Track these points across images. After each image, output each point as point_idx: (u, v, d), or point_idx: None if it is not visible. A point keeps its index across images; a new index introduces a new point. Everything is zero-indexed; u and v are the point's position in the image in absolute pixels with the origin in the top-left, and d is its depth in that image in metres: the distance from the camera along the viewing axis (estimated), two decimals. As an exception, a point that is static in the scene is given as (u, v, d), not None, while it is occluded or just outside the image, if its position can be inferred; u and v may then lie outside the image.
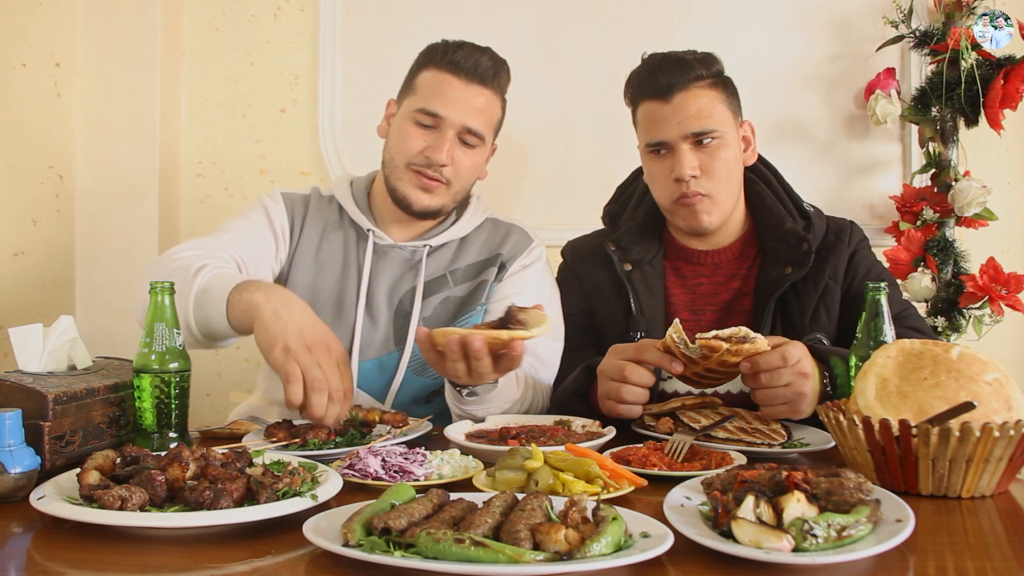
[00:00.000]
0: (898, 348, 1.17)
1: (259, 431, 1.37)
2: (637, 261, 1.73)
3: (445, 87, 1.63)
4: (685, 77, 1.60)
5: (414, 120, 1.64)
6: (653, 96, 1.63)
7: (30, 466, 1.01)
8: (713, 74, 1.63)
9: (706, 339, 1.28)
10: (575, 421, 1.41)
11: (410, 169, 1.64)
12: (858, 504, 0.85)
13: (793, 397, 1.32)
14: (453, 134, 1.63)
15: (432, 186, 1.64)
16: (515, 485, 1.01)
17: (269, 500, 0.91)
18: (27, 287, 2.32)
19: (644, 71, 1.67)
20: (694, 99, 1.60)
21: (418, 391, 1.67)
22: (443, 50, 1.66)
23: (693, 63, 1.62)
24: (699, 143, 1.60)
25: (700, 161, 1.60)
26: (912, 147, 2.38)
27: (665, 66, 1.62)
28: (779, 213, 1.70)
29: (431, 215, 1.70)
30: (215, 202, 2.62)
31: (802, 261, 1.63)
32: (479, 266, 1.73)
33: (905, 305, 1.72)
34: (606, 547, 0.76)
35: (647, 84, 1.64)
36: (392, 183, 1.67)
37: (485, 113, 1.66)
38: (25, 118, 2.29)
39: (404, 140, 1.65)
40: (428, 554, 0.75)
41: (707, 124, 1.59)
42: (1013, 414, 1.06)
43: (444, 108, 1.62)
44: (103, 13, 2.49)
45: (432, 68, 1.66)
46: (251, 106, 2.61)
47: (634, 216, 1.78)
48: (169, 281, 1.24)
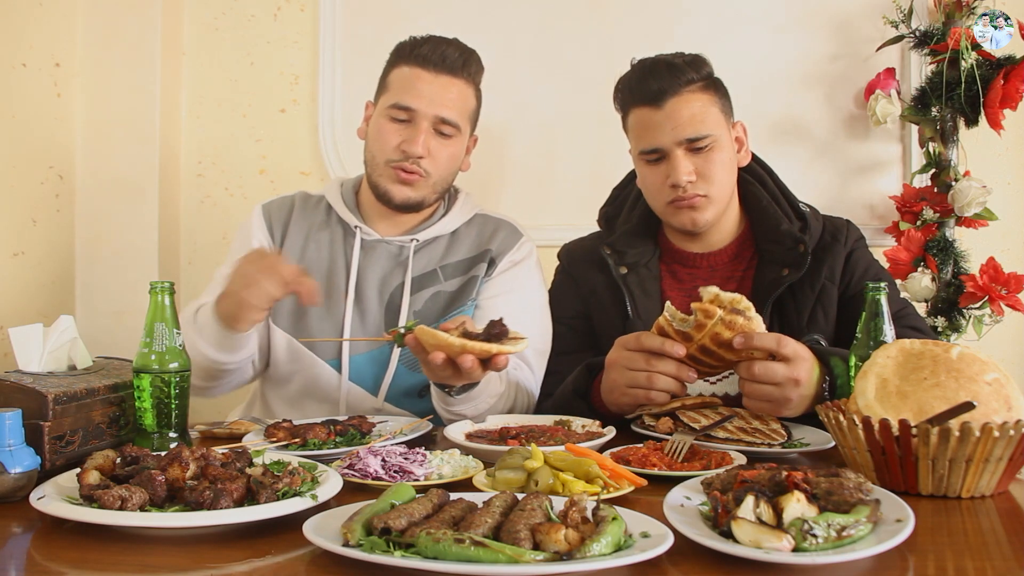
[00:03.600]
0: (898, 348, 1.17)
1: (259, 431, 1.37)
2: (633, 264, 1.72)
3: (415, 80, 1.65)
4: (676, 82, 1.59)
5: (389, 116, 1.66)
6: (645, 102, 1.62)
7: (30, 466, 1.01)
8: (704, 77, 1.62)
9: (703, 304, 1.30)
10: (575, 421, 1.41)
11: (389, 165, 1.67)
12: (858, 504, 0.85)
13: (779, 399, 1.32)
14: (427, 125, 1.65)
15: (411, 179, 1.66)
16: (515, 485, 1.01)
17: (269, 500, 0.91)
18: (27, 287, 2.32)
19: (634, 77, 1.66)
20: (687, 104, 1.59)
21: (411, 386, 1.68)
22: (411, 46, 1.69)
23: (684, 67, 1.60)
24: (693, 148, 1.59)
25: (695, 165, 1.60)
26: (912, 147, 2.38)
27: (656, 72, 1.61)
28: (775, 215, 1.69)
29: (413, 208, 1.72)
30: (215, 202, 2.62)
31: (799, 263, 1.62)
32: (469, 262, 1.74)
33: (903, 304, 1.71)
34: (606, 547, 0.76)
35: (638, 90, 1.63)
36: (374, 180, 1.70)
37: (458, 103, 1.68)
38: (25, 118, 2.29)
39: (381, 137, 1.67)
40: (428, 554, 0.75)
41: (701, 129, 1.59)
42: (1013, 414, 1.06)
43: (415, 101, 1.64)
44: (103, 13, 2.49)
45: (401, 64, 1.69)
46: (251, 106, 2.61)
47: (629, 219, 1.77)
48: (169, 281, 1.25)
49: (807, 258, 1.62)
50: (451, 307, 1.70)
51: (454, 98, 1.67)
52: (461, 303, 1.70)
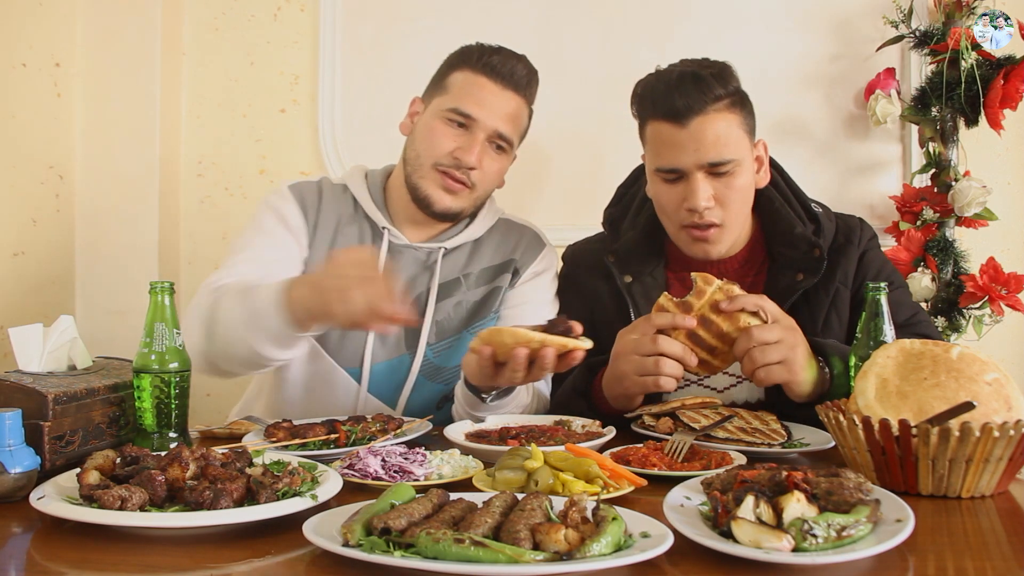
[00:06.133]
0: (898, 348, 1.17)
1: (259, 431, 1.37)
2: (637, 273, 1.67)
3: (479, 89, 1.61)
4: (703, 99, 1.49)
5: (444, 119, 1.61)
6: (667, 118, 1.52)
7: (30, 466, 1.01)
8: (731, 92, 1.52)
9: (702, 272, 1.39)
10: (575, 421, 1.41)
11: (436, 169, 1.61)
12: (858, 504, 0.85)
13: (787, 353, 1.35)
14: (484, 137, 1.61)
15: (456, 188, 1.62)
16: (515, 485, 1.01)
17: (269, 500, 0.91)
18: (27, 287, 2.32)
19: (658, 88, 1.54)
20: (712, 124, 1.49)
21: (429, 396, 1.66)
22: (479, 53, 1.64)
23: (711, 82, 1.50)
24: (714, 172, 1.52)
25: (715, 190, 1.52)
26: (912, 147, 2.38)
27: (682, 87, 1.50)
28: (788, 217, 1.63)
29: (450, 217, 1.67)
30: (215, 202, 2.62)
31: (814, 268, 1.58)
32: (494, 271, 1.71)
33: (915, 310, 1.66)
34: (606, 547, 0.76)
35: (661, 104, 1.52)
36: (415, 181, 1.64)
37: (515, 120, 1.65)
38: (25, 118, 2.28)
39: (433, 138, 1.61)
40: (428, 554, 0.75)
41: (724, 153, 1.50)
42: (1013, 414, 1.06)
43: (477, 110, 1.59)
44: (103, 13, 2.49)
45: (466, 69, 1.63)
46: (251, 106, 2.61)
47: (635, 224, 1.71)
48: (169, 281, 1.24)
49: (823, 263, 1.57)
50: (475, 317, 1.68)
51: (513, 114, 1.64)
52: (484, 314, 1.68)
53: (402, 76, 2.53)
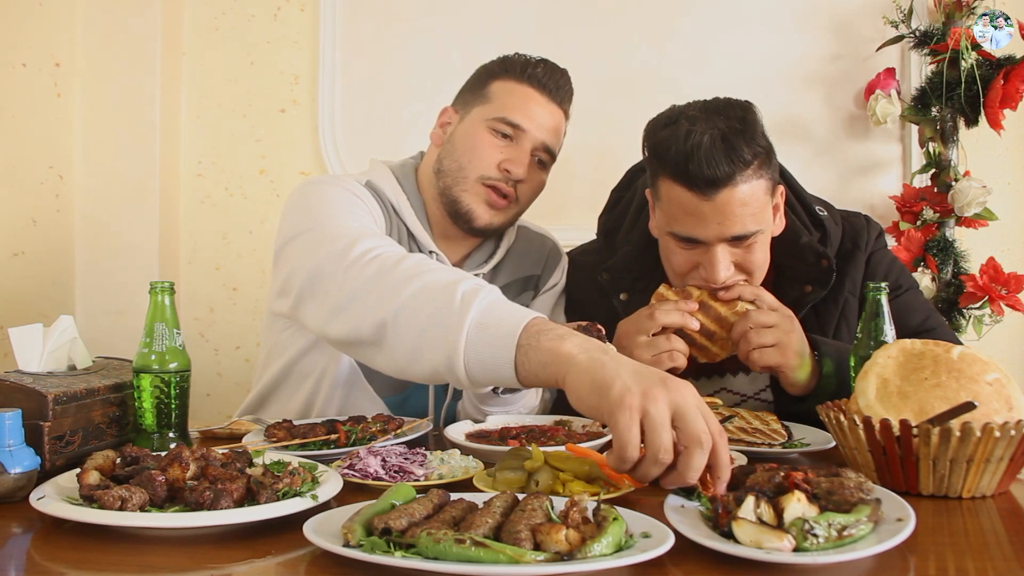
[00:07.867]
0: (898, 348, 1.17)
1: (259, 431, 1.37)
2: (632, 289, 1.59)
3: (528, 100, 1.55)
4: (732, 170, 1.34)
5: (489, 129, 1.54)
6: (689, 187, 1.37)
7: (30, 466, 1.01)
8: (758, 153, 1.37)
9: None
10: (575, 421, 1.41)
11: (481, 182, 1.53)
12: (858, 503, 0.85)
13: (782, 336, 1.38)
14: (530, 148, 1.54)
15: (500, 204, 1.54)
16: (515, 485, 1.01)
17: (269, 500, 0.91)
18: (27, 287, 2.32)
19: (680, 151, 1.35)
20: (738, 195, 1.36)
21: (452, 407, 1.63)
22: (522, 64, 1.58)
23: (740, 146, 1.34)
24: (737, 243, 1.42)
25: (735, 257, 1.43)
26: (912, 147, 2.38)
27: (710, 157, 1.33)
28: (793, 226, 1.54)
29: (487, 234, 1.61)
30: (215, 202, 2.62)
31: (823, 280, 1.51)
32: (516, 286, 1.66)
33: (928, 313, 1.60)
34: (607, 547, 0.76)
35: (683, 172, 1.36)
36: (455, 194, 1.55)
37: (558, 134, 1.60)
38: (25, 118, 2.28)
39: (478, 149, 1.53)
40: (428, 554, 0.75)
41: (750, 225, 1.39)
42: (1014, 414, 1.06)
43: (527, 121, 1.53)
44: (103, 13, 2.49)
45: (509, 79, 1.57)
46: (251, 106, 2.61)
47: (629, 238, 1.62)
48: (169, 281, 1.24)
49: (831, 274, 1.51)
50: None
51: (556, 128, 1.59)
52: None
53: (402, 76, 2.53)
